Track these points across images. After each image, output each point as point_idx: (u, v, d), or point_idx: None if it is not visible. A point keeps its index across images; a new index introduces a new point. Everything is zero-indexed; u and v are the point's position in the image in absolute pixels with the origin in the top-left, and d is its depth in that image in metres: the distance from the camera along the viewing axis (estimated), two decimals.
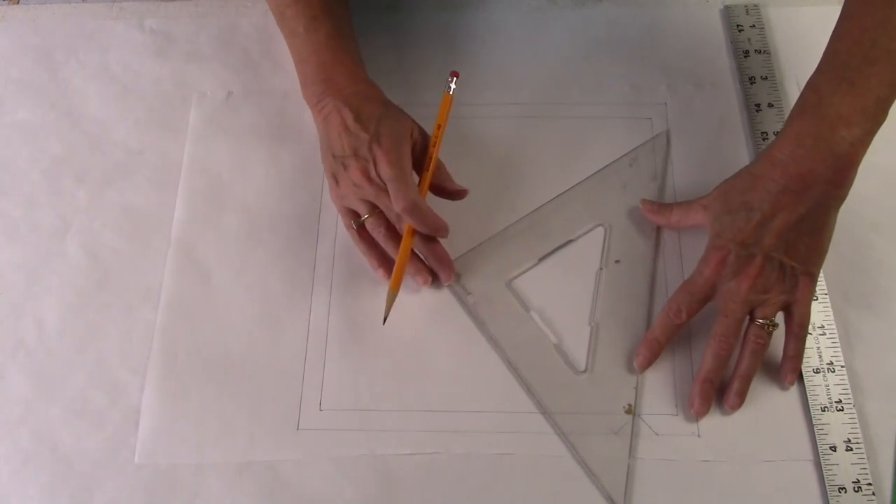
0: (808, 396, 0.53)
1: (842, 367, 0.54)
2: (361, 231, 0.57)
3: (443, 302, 0.58)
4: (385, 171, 0.54)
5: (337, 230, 0.60)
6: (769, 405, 0.54)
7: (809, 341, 0.55)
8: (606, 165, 0.62)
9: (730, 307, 0.52)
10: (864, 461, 0.51)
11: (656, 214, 0.59)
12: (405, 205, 0.53)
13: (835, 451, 0.52)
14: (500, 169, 0.63)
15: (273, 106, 0.66)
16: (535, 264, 0.59)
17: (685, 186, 0.61)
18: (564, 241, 0.59)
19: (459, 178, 0.61)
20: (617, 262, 0.58)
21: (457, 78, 0.59)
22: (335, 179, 0.57)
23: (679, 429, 0.53)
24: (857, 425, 0.52)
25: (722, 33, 0.68)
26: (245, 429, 0.54)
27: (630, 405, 0.53)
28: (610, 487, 0.51)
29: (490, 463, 0.53)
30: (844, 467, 0.51)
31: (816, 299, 0.56)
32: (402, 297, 0.57)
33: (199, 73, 0.68)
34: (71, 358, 0.57)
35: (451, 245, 0.59)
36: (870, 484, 0.50)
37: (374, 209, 0.56)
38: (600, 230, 0.60)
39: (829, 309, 0.56)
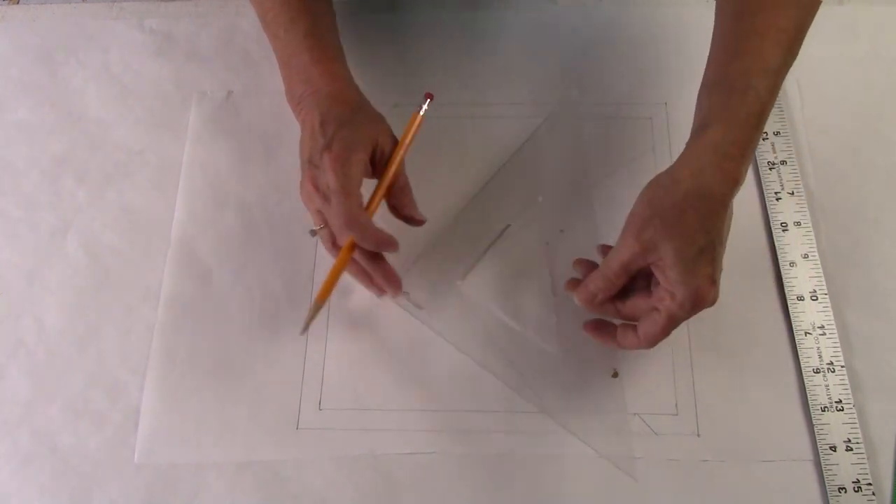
0: (808, 396, 0.53)
1: (842, 367, 0.54)
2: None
3: (443, 300, 0.58)
4: (330, 180, 0.51)
5: None
6: (769, 405, 0.54)
7: (809, 341, 0.55)
8: (525, 142, 0.61)
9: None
10: (864, 461, 0.51)
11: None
12: (343, 220, 0.50)
13: (835, 451, 0.52)
14: (499, 169, 0.63)
15: (273, 106, 0.66)
16: (482, 257, 0.58)
17: None
18: (504, 226, 0.59)
19: (459, 179, 0.61)
20: (561, 231, 0.58)
21: (430, 100, 0.56)
22: (301, 186, 0.55)
23: (679, 429, 0.53)
24: (857, 425, 0.52)
25: None
26: (245, 429, 0.54)
27: (615, 370, 0.53)
28: (617, 457, 0.51)
29: (489, 463, 0.53)
30: (844, 467, 0.51)
31: (816, 300, 0.56)
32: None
33: (199, 73, 0.68)
34: (71, 358, 0.57)
35: (445, 255, 0.59)
36: (870, 484, 0.50)
37: (325, 221, 0.53)
38: (536, 206, 0.59)
39: (829, 309, 0.56)
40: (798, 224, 0.59)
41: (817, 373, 0.54)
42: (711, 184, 0.48)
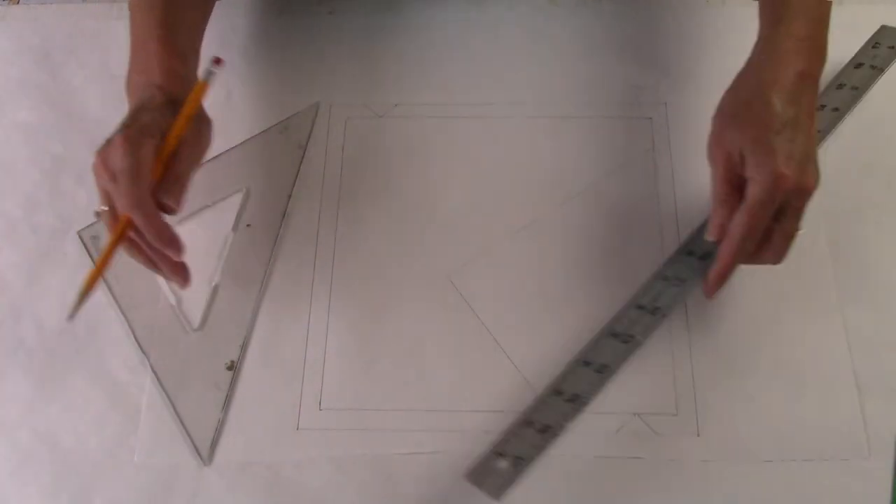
0: None
1: None
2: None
3: (444, 301, 0.58)
4: (119, 160, 0.49)
5: (337, 230, 0.60)
6: (769, 405, 0.54)
7: None
8: (259, 133, 0.64)
9: None
10: None
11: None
12: (127, 201, 0.49)
13: None
14: (499, 170, 0.63)
15: (273, 106, 0.66)
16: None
17: (687, 185, 0.61)
18: (201, 207, 0.61)
19: (458, 180, 0.60)
20: (248, 225, 0.60)
21: (220, 65, 0.54)
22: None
23: (679, 429, 0.53)
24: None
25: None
26: (245, 429, 0.54)
27: (232, 362, 0.55)
28: (198, 439, 0.53)
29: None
30: None
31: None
32: (402, 295, 0.57)
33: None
34: (71, 358, 0.57)
35: (446, 255, 0.59)
36: None
37: (111, 202, 0.51)
38: (239, 195, 0.62)
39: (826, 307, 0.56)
40: None
41: None
42: (780, 66, 0.50)
